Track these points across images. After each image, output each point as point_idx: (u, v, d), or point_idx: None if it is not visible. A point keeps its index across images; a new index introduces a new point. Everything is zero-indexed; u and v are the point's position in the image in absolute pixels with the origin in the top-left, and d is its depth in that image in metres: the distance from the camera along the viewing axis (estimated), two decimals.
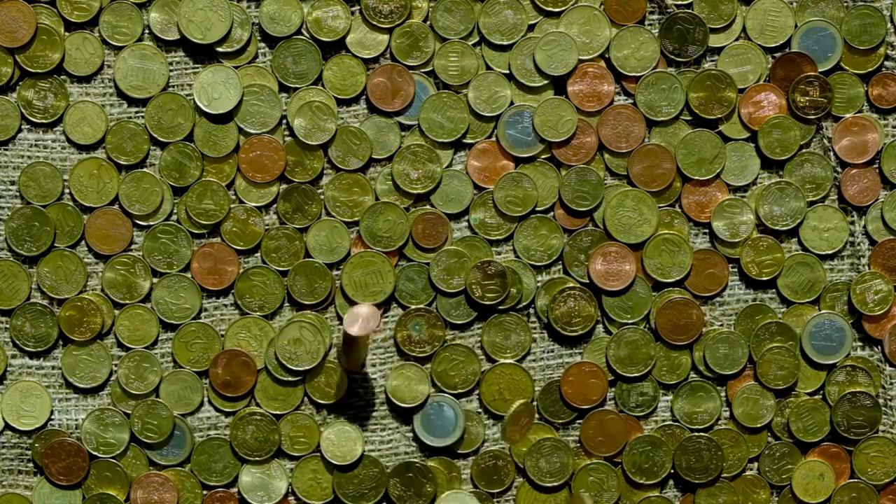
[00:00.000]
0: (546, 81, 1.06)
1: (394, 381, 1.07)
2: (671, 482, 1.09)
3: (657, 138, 1.07)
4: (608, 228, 1.06)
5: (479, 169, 1.06)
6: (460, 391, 1.07)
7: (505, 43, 1.06)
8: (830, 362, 1.08)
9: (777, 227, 1.07)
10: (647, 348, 1.07)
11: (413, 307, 1.06)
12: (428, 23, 1.06)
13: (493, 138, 1.06)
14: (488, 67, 1.06)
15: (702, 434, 1.07)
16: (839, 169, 1.07)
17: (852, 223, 1.08)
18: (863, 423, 1.08)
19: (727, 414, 1.08)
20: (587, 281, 1.07)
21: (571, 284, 1.06)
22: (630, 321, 1.07)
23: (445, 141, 1.06)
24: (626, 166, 1.06)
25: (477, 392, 1.08)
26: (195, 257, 1.06)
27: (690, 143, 1.06)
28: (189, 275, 1.06)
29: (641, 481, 1.08)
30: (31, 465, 1.07)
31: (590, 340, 1.07)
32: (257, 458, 1.06)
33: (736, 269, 1.08)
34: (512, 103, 1.06)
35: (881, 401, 1.08)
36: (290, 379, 1.06)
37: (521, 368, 1.07)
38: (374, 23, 1.05)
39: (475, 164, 1.06)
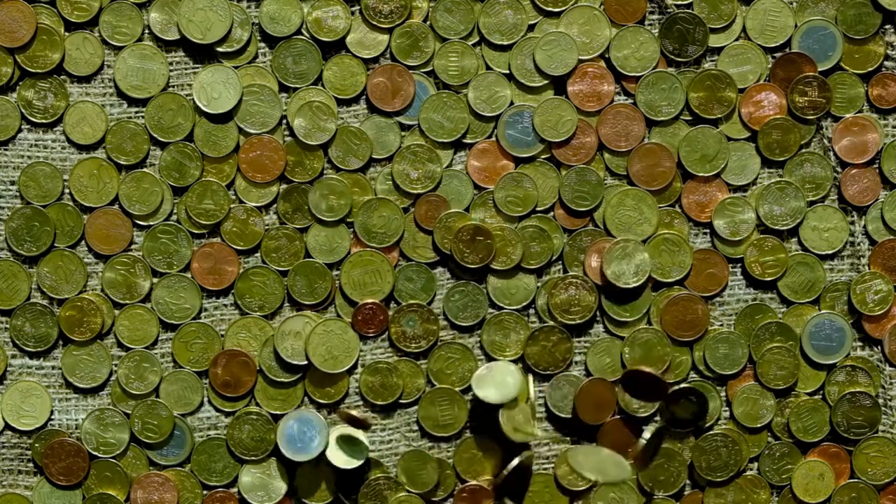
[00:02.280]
0: (546, 81, 1.06)
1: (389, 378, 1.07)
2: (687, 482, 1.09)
3: (657, 138, 1.06)
4: (608, 228, 1.06)
5: (479, 169, 1.06)
6: (457, 389, 1.07)
7: (505, 43, 1.06)
8: (830, 362, 1.07)
9: (777, 227, 1.06)
10: (662, 347, 1.06)
11: (406, 303, 1.06)
12: (428, 23, 1.06)
13: (493, 138, 1.06)
14: (488, 67, 1.06)
15: (717, 431, 1.07)
16: (839, 169, 1.07)
17: (852, 223, 1.07)
18: (863, 423, 1.07)
19: (727, 414, 1.08)
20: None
21: (574, 273, 1.06)
22: (629, 319, 1.07)
23: (445, 141, 1.06)
24: (625, 166, 1.06)
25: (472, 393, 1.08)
26: (195, 257, 1.06)
27: (693, 140, 1.06)
28: (189, 275, 1.06)
29: None
30: (31, 465, 1.07)
31: (591, 336, 1.07)
32: (253, 458, 1.06)
33: (736, 270, 1.08)
34: (512, 103, 1.06)
35: (881, 401, 1.08)
36: (284, 379, 1.06)
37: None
38: (374, 23, 1.05)
39: (475, 164, 1.06)
